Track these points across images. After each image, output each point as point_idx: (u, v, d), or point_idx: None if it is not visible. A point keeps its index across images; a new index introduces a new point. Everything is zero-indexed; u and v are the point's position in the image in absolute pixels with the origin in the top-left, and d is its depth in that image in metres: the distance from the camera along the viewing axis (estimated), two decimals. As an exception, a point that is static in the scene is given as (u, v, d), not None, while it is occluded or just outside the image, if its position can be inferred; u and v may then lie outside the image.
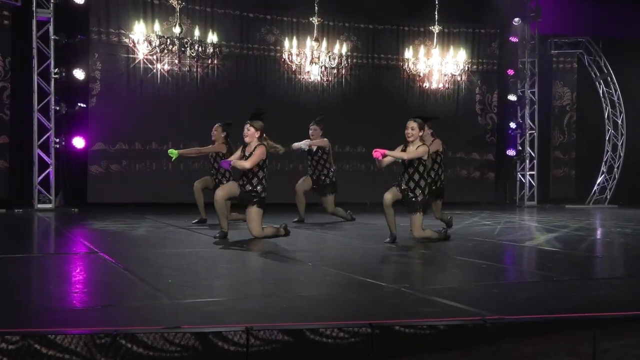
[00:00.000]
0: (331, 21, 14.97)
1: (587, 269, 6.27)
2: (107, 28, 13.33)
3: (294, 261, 6.27)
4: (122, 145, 13.48)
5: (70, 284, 5.15)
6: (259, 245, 7.43)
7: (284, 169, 14.73)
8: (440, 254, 6.97)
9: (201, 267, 5.85)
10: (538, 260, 6.74)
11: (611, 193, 16.75)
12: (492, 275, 5.76)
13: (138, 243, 7.67)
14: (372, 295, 4.70)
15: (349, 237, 8.47)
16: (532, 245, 7.92)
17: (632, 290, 5.10)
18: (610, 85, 16.78)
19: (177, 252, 6.80)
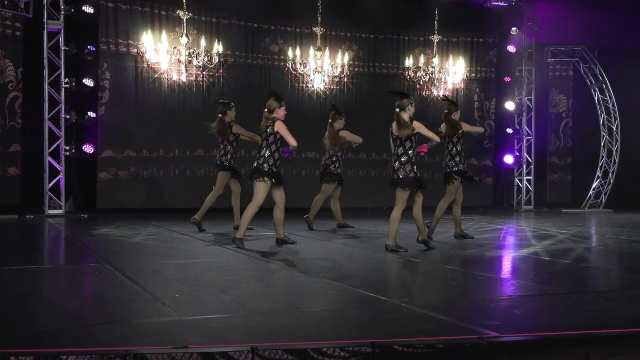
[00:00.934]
0: (333, 31, 14.99)
1: (583, 281, 6.27)
2: (115, 39, 13.37)
3: (298, 273, 6.30)
4: (130, 152, 13.51)
5: (81, 298, 5.18)
6: (265, 256, 7.46)
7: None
8: (438, 265, 6.99)
9: (207, 279, 5.87)
10: (534, 272, 6.74)
11: (606, 197, 16.76)
12: (489, 288, 5.78)
13: (146, 253, 7.70)
14: (373, 311, 4.71)
15: (352, 246, 8.49)
16: (529, 254, 7.93)
17: (626, 305, 5.10)
18: (605, 93, 16.78)
19: (184, 263, 6.83)
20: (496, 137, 16.60)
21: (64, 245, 9.09)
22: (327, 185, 10.56)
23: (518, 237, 10.14)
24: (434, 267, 6.93)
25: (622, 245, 9.07)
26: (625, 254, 8.22)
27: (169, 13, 13.68)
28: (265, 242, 8.60)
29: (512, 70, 16.59)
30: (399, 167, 7.62)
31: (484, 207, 16.16)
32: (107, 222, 11.50)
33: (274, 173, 7.94)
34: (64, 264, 7.23)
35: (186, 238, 9.15)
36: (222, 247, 8.16)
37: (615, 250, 8.54)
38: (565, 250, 8.22)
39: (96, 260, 7.01)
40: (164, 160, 13.78)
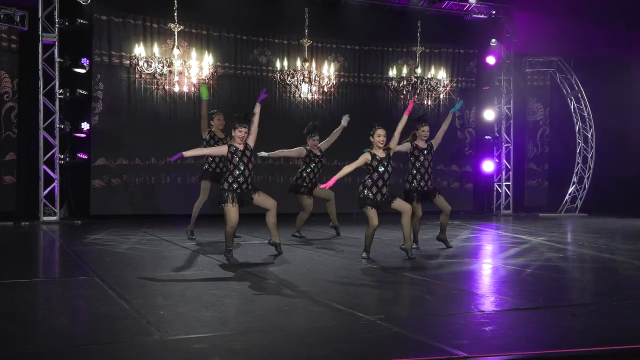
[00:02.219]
0: (320, 43, 15.00)
1: (557, 294, 6.27)
2: (109, 50, 13.34)
3: (279, 287, 6.29)
4: (122, 160, 13.48)
5: (70, 316, 5.16)
6: (249, 267, 7.48)
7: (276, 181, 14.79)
8: (416, 277, 7.01)
9: (192, 294, 5.87)
10: (509, 284, 6.75)
11: (581, 202, 16.84)
12: (463, 303, 5.79)
13: (135, 264, 7.67)
14: (349, 329, 4.72)
15: (335, 256, 8.49)
16: (505, 264, 7.97)
17: (600, 321, 5.13)
18: (581, 102, 16.86)
19: (171, 276, 6.83)
20: (476, 144, 16.66)
21: (56, 256, 9.06)
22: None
23: (496, 246, 10.16)
24: (412, 279, 6.94)
25: (597, 253, 9.11)
26: (600, 263, 8.25)
27: (160, 26, 13.66)
28: (251, 252, 8.60)
29: (492, 80, 16.67)
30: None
31: (465, 212, 16.24)
32: (100, 229, 11.48)
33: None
34: (54, 277, 7.20)
35: (175, 247, 9.14)
36: (209, 257, 8.16)
37: (590, 259, 8.57)
38: (540, 260, 8.25)
39: (86, 272, 6.99)
40: (155, 167, 13.76)
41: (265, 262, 7.90)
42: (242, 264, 7.66)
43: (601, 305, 5.68)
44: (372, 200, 7.98)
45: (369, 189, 8.01)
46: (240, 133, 7.98)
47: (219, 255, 8.27)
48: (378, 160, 8.00)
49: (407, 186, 9.01)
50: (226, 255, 7.97)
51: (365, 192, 8.01)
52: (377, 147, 8.07)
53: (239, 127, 7.99)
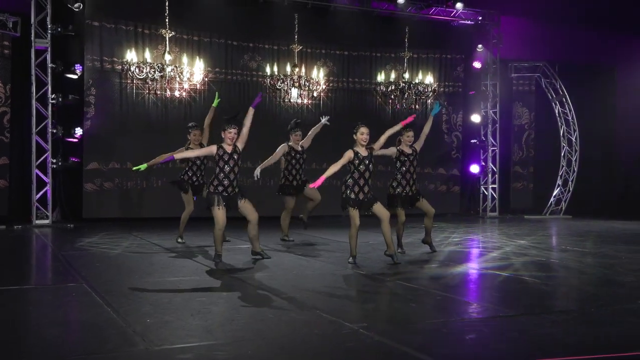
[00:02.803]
0: (309, 48, 15.00)
1: (537, 301, 6.26)
2: (100, 56, 13.30)
3: (265, 293, 6.28)
4: (114, 164, 13.45)
5: (58, 325, 5.13)
6: (237, 273, 7.47)
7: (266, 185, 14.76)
8: (400, 283, 7.02)
9: (179, 301, 5.85)
10: (491, 290, 6.75)
11: (566, 204, 16.92)
12: (445, 310, 5.80)
13: (124, 270, 7.65)
14: (332, 338, 4.72)
15: (322, 262, 8.47)
16: (488, 268, 7.99)
17: (581, 329, 5.14)
18: (565, 106, 16.94)
19: (160, 282, 6.80)
20: (463, 147, 16.70)
21: (47, 261, 9.02)
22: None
23: (480, 249, 10.17)
24: (396, 285, 6.94)
25: (579, 257, 9.13)
26: (581, 268, 8.28)
27: (152, 32, 13.62)
28: (240, 256, 8.59)
29: (478, 85, 16.71)
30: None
31: (452, 214, 16.28)
32: (91, 232, 11.45)
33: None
34: (44, 284, 7.15)
35: (165, 252, 9.12)
36: (197, 263, 8.14)
37: (572, 264, 8.59)
38: (522, 265, 8.27)
39: (76, 279, 6.96)
40: (147, 171, 13.68)
41: (252, 267, 7.89)
42: (230, 270, 7.66)
43: (580, 313, 5.69)
44: (354, 200, 7.97)
45: (350, 189, 8.01)
46: (229, 134, 7.97)
47: (207, 261, 8.27)
48: (360, 159, 7.99)
49: (391, 191, 8.97)
50: (215, 260, 8.01)
51: (347, 192, 8.01)
52: (360, 144, 8.05)
53: (228, 129, 7.98)
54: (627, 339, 4.89)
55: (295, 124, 10.51)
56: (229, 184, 7.92)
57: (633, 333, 5.08)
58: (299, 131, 10.46)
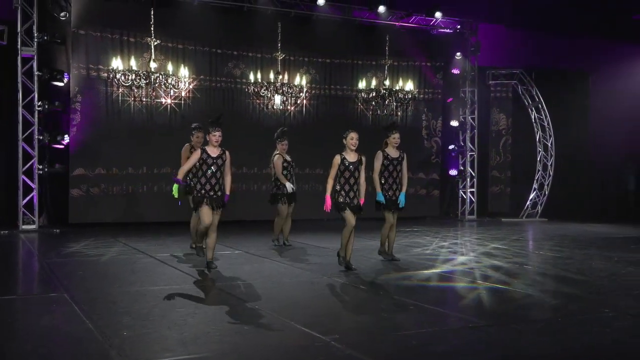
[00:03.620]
0: (292, 56, 14.99)
1: (507, 310, 6.29)
2: (86, 64, 13.22)
3: (241, 303, 6.25)
4: (100, 170, 13.38)
5: (34, 337, 5.09)
6: (218, 282, 7.46)
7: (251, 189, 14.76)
8: (375, 292, 7.03)
9: (158, 312, 5.82)
10: (462, 299, 6.76)
11: (542, 208, 17.01)
12: (416, 320, 5.80)
13: (106, 278, 7.61)
14: (303, 352, 4.72)
15: (302, 269, 8.46)
16: (463, 276, 8.01)
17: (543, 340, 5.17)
18: (541, 112, 17.04)
19: (141, 292, 6.76)
20: (442, 153, 16.76)
21: (30, 269, 8.93)
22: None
23: (456, 257, 10.17)
24: (370, 294, 6.95)
25: (552, 263, 9.18)
26: (554, 274, 8.31)
27: (137, 40, 13.56)
28: (222, 262, 8.54)
29: (457, 91, 16.76)
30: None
31: (432, 218, 16.34)
32: (77, 238, 11.38)
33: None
34: (26, 294, 7.05)
35: (148, 260, 9.06)
36: (179, 271, 8.11)
37: (544, 270, 8.63)
38: (495, 271, 8.31)
39: (58, 288, 6.92)
40: (133, 177, 13.67)
41: (234, 275, 7.86)
42: (212, 277, 7.63)
43: (547, 323, 5.72)
44: (344, 203, 8.00)
45: (338, 192, 8.05)
46: (214, 137, 7.93)
47: (190, 269, 8.23)
48: (346, 165, 8.01)
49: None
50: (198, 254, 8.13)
51: (337, 197, 8.05)
52: (349, 149, 8.05)
53: (212, 131, 7.95)
54: (591, 349, 4.93)
55: (282, 133, 10.46)
56: (210, 187, 7.87)
57: (598, 343, 5.13)
58: (286, 140, 10.43)
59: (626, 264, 9.07)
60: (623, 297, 6.89)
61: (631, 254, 10.22)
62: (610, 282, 7.73)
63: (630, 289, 7.28)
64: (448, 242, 11.68)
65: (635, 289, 7.28)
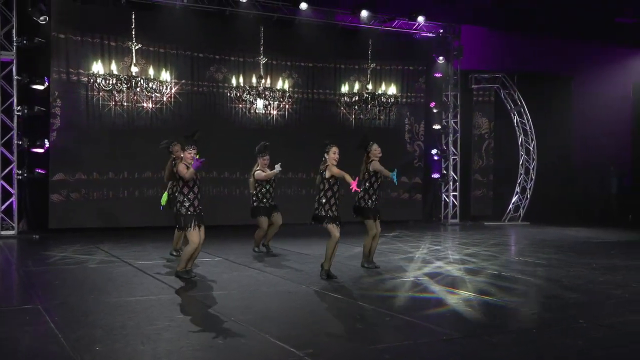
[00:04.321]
0: (275, 60, 14.95)
1: (482, 321, 6.30)
2: (67, 68, 13.13)
3: (218, 318, 6.20)
4: (81, 175, 13.30)
5: (3, 354, 5.05)
6: (193, 293, 7.43)
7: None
8: (352, 302, 7.02)
9: (132, 326, 5.78)
10: (439, 310, 6.75)
11: (524, 211, 17.08)
12: (391, 333, 5.80)
13: (83, 288, 7.56)
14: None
15: (280, 277, 8.44)
16: (443, 286, 8.02)
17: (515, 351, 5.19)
18: (523, 116, 17.11)
19: (116, 303, 6.71)
20: (425, 157, 16.79)
21: (6, 279, 8.80)
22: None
23: (436, 264, 10.17)
24: (347, 304, 6.93)
25: (531, 270, 9.21)
26: (532, 282, 8.35)
27: (118, 44, 13.49)
28: (201, 268, 8.51)
29: (439, 95, 16.81)
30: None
31: (414, 222, 16.37)
32: (56, 244, 11.30)
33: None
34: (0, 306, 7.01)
35: (127, 268, 9.00)
36: (158, 280, 8.06)
37: (522, 278, 8.65)
38: (474, 279, 8.33)
39: (33, 300, 6.87)
40: (113, 182, 13.59)
41: (212, 284, 7.83)
42: (190, 286, 7.60)
43: (520, 334, 5.75)
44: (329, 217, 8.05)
45: (323, 205, 8.09)
46: (189, 155, 7.92)
47: (167, 277, 8.19)
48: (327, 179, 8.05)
49: (362, 203, 8.89)
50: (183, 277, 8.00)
51: (321, 211, 8.09)
52: (332, 164, 8.07)
53: (188, 149, 7.93)
54: (562, 364, 4.96)
55: (264, 148, 10.41)
56: (198, 203, 7.93)
57: (568, 355, 5.15)
58: (267, 155, 10.40)
59: (604, 271, 9.14)
60: (598, 306, 6.94)
61: (610, 260, 10.29)
62: (587, 290, 7.77)
63: (606, 298, 7.33)
64: (429, 247, 11.70)
65: (612, 298, 7.33)
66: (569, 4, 16.40)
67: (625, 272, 9.01)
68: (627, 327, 6.06)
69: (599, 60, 18.23)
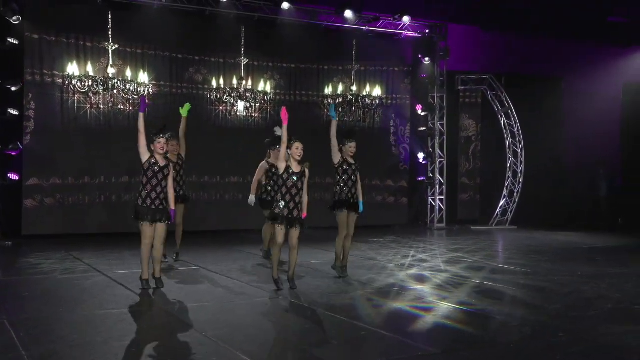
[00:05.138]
0: (256, 61, 14.92)
1: (461, 335, 6.30)
2: (41, 69, 13.04)
3: (189, 334, 6.16)
4: (56, 179, 13.20)
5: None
6: (160, 305, 7.39)
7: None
8: (325, 313, 7.01)
9: (100, 341, 5.73)
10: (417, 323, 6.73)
11: (512, 215, 17.12)
12: (365, 350, 5.79)
13: (53, 300, 7.51)
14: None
15: (258, 288, 8.39)
16: (419, 295, 8.03)
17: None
18: (511, 118, 17.15)
19: (86, 316, 6.65)
20: (411, 159, 16.82)
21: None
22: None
23: (419, 273, 10.18)
24: (322, 318, 6.89)
25: (514, 279, 9.23)
26: (515, 292, 8.37)
27: (94, 44, 13.41)
28: (178, 279, 8.47)
29: (425, 97, 16.83)
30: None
31: (400, 226, 16.38)
32: (29, 252, 11.22)
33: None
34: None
35: (99, 277, 8.95)
36: (130, 291, 8.01)
37: (506, 288, 8.67)
38: (454, 289, 8.35)
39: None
40: (90, 186, 13.51)
41: (186, 296, 7.78)
42: (163, 298, 7.57)
43: (499, 348, 5.75)
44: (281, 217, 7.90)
45: (277, 203, 7.99)
46: (159, 144, 7.90)
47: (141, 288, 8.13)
48: (289, 174, 7.97)
49: (336, 197, 8.89)
50: (143, 287, 7.95)
51: (274, 208, 8.01)
52: (294, 159, 8.02)
53: (157, 139, 7.96)
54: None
55: (274, 140, 10.25)
56: (156, 196, 7.86)
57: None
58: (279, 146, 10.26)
59: (588, 279, 9.18)
60: (580, 319, 6.94)
61: (595, 268, 10.33)
62: (570, 301, 7.80)
63: (588, 309, 7.35)
64: (412, 253, 11.70)
65: (594, 309, 7.35)
66: (560, 3, 16.44)
67: (610, 281, 9.05)
68: (606, 339, 6.09)
69: (590, 60, 18.25)
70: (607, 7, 17.33)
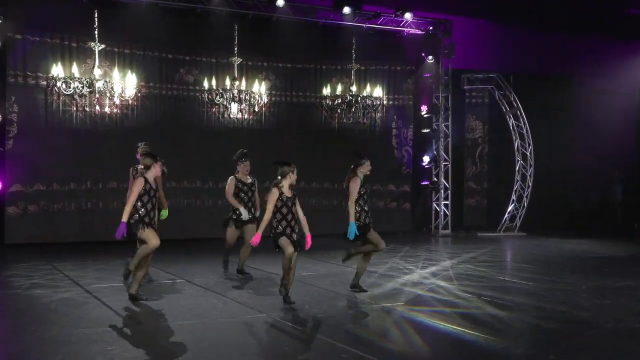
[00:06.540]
0: (250, 61, 14.92)
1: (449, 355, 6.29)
2: (24, 71, 13.08)
3: (166, 353, 6.16)
4: (40, 186, 13.26)
5: None
6: (141, 322, 7.38)
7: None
8: (311, 333, 6.97)
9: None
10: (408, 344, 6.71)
11: (520, 221, 17.02)
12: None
13: (24, 318, 7.49)
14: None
15: (239, 303, 8.37)
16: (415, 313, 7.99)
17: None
18: (520, 119, 17.04)
19: (57, 338, 6.62)
20: (414, 163, 16.76)
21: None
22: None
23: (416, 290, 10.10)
24: (306, 336, 6.86)
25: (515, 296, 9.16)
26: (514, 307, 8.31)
27: (80, 45, 13.44)
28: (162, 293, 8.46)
29: (429, 97, 16.76)
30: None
31: (403, 233, 16.30)
32: (8, 263, 11.26)
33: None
34: None
35: (77, 291, 8.93)
36: (107, 308, 8.00)
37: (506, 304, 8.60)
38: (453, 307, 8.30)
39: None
40: (75, 193, 13.55)
41: (166, 313, 7.73)
42: (142, 316, 7.56)
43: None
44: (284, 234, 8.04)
45: (275, 228, 8.11)
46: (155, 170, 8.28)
47: (120, 304, 8.12)
48: (283, 201, 8.04)
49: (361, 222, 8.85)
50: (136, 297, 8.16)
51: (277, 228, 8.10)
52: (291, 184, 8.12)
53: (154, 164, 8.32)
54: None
55: (243, 154, 10.23)
56: (154, 215, 8.23)
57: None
58: (247, 161, 10.22)
59: (592, 294, 9.09)
60: (576, 339, 6.86)
61: (602, 282, 10.19)
62: (569, 319, 7.71)
63: (586, 328, 7.27)
64: (412, 265, 11.64)
65: (593, 328, 7.27)
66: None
67: (614, 297, 8.95)
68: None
69: (603, 57, 18.08)
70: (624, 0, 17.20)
